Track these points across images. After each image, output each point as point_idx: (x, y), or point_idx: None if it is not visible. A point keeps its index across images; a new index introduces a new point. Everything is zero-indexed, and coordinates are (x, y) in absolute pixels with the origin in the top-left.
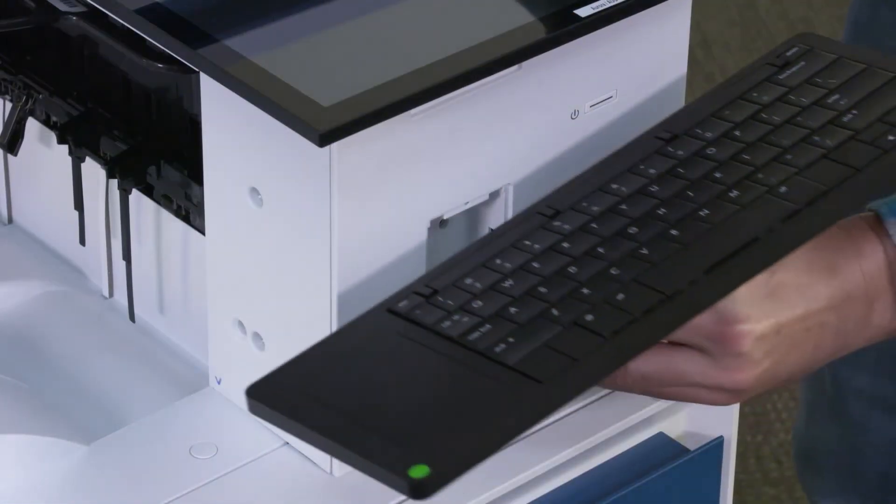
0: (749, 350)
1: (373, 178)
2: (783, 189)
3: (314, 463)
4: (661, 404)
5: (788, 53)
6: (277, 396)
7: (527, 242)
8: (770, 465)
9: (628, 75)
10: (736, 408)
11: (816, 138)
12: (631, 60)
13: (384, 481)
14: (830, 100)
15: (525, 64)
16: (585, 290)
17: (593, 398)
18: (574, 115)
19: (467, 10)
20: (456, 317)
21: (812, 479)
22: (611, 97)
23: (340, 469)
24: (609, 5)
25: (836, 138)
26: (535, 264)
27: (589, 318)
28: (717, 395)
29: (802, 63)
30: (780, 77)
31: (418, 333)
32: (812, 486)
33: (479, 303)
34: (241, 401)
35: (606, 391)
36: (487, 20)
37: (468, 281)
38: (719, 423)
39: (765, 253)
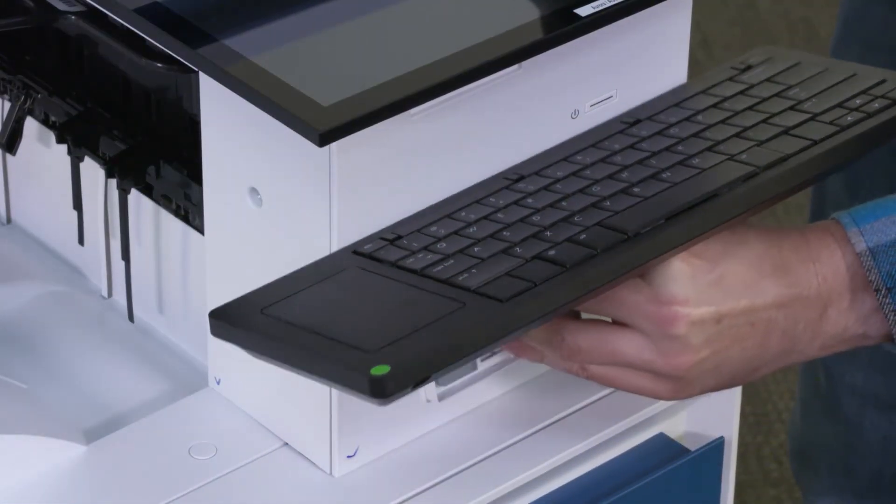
0: (685, 333)
1: (373, 177)
2: (744, 157)
3: (314, 463)
4: (661, 404)
5: (750, 60)
6: (240, 317)
7: (491, 199)
8: (770, 466)
9: (628, 75)
10: (736, 408)
11: (777, 119)
12: (631, 60)
13: (345, 383)
14: (791, 93)
15: (525, 64)
16: (548, 233)
17: (593, 398)
18: (574, 114)
19: (467, 10)
20: (420, 255)
21: (807, 477)
22: (611, 97)
23: (340, 469)
24: (609, 5)
25: (796, 120)
26: (500, 215)
27: (551, 252)
28: (656, 383)
29: (763, 66)
30: (743, 77)
31: (381, 268)
32: (807, 484)
33: (443, 244)
34: (241, 401)
35: (606, 392)
36: (487, 20)
37: (433, 229)
38: (719, 423)
39: (725, 207)
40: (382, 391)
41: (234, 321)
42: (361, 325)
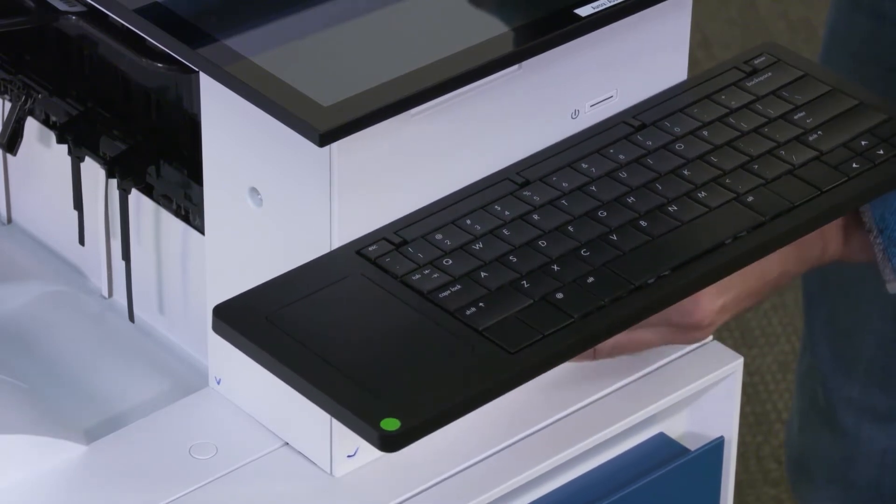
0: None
1: (373, 177)
2: (750, 199)
3: (314, 463)
4: (661, 404)
5: (756, 62)
6: (244, 321)
7: (497, 208)
8: (770, 466)
9: (628, 75)
10: (736, 408)
11: (782, 152)
12: (631, 60)
13: (353, 428)
14: (796, 116)
15: (525, 64)
16: (555, 267)
17: (594, 398)
18: (574, 114)
19: (467, 10)
20: (426, 271)
21: (804, 489)
22: (611, 97)
23: (340, 469)
24: (609, 5)
25: (802, 156)
26: (506, 231)
27: (559, 296)
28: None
29: (769, 74)
30: (748, 84)
31: (386, 280)
32: (804, 496)
33: (449, 261)
34: (241, 401)
35: (606, 391)
36: (487, 20)
37: (438, 237)
38: (719, 423)
39: (730, 259)
40: (392, 447)
41: (237, 324)
42: (368, 355)
